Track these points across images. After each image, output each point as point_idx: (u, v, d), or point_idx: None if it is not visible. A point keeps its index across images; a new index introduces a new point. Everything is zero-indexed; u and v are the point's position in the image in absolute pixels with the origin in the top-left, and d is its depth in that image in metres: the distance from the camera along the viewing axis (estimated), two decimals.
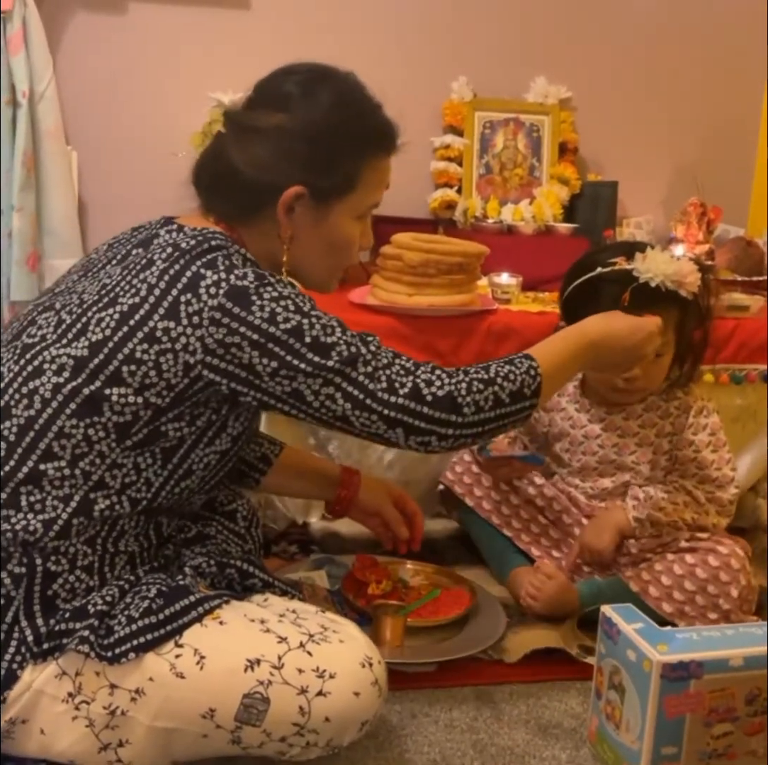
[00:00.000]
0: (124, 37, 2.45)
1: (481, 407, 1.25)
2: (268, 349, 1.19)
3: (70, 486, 1.20)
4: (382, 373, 1.23)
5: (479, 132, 2.59)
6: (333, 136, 1.28)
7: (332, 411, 1.22)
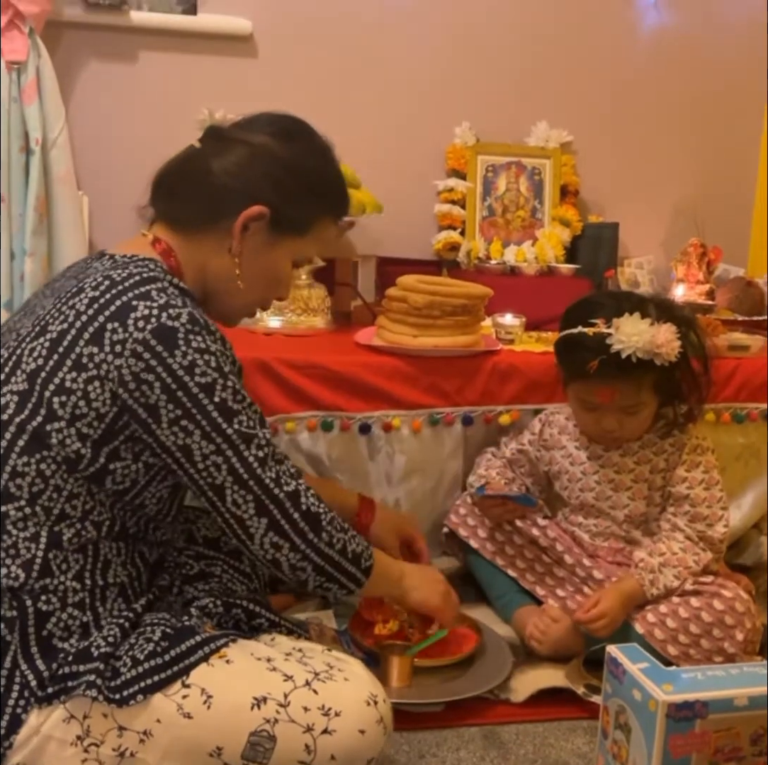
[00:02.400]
0: (134, 85, 2.50)
1: (333, 543, 1.29)
2: (176, 397, 1.19)
3: (34, 524, 1.21)
4: (273, 464, 1.25)
5: (482, 175, 2.64)
6: (307, 175, 1.34)
7: (213, 478, 1.23)
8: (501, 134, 2.66)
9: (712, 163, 2.82)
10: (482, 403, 2.03)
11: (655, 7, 2.71)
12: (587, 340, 1.67)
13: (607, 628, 1.65)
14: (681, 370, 1.69)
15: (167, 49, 2.50)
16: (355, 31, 2.58)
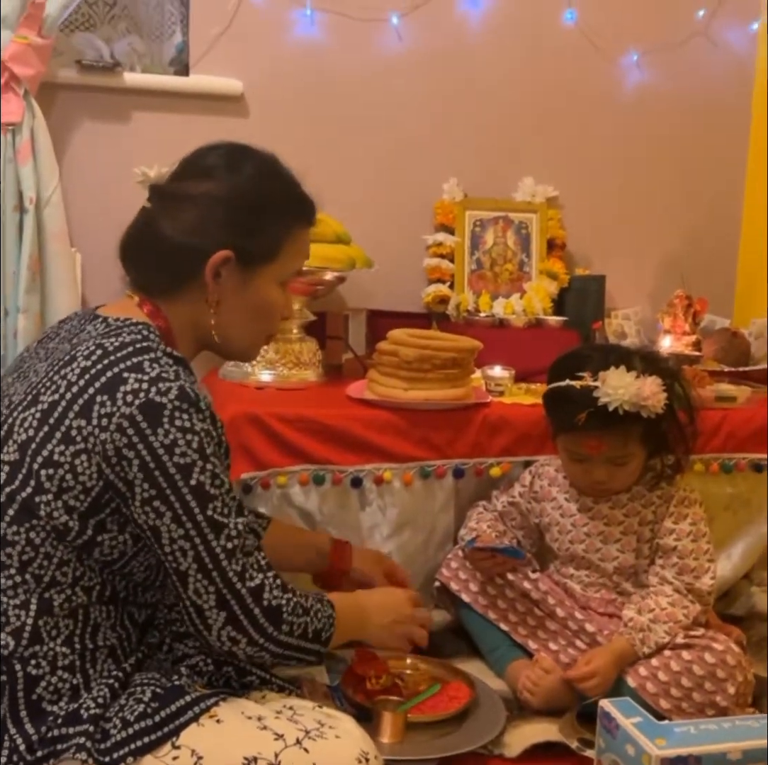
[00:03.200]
0: (127, 145, 2.53)
1: (293, 631, 1.27)
2: (153, 476, 1.18)
3: (24, 591, 1.21)
4: (241, 557, 1.23)
5: (470, 230, 2.68)
6: (258, 202, 1.33)
7: (178, 564, 1.21)
8: (488, 190, 2.70)
9: (696, 216, 2.87)
10: (473, 455, 2.04)
11: (637, 66, 2.77)
12: (574, 393, 1.69)
13: (598, 687, 1.65)
14: (667, 422, 1.71)
15: (160, 109, 2.54)
16: (345, 91, 2.64)
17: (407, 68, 2.65)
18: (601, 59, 2.75)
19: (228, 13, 2.53)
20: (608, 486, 1.78)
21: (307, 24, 2.58)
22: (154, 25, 2.63)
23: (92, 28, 2.61)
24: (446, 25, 2.66)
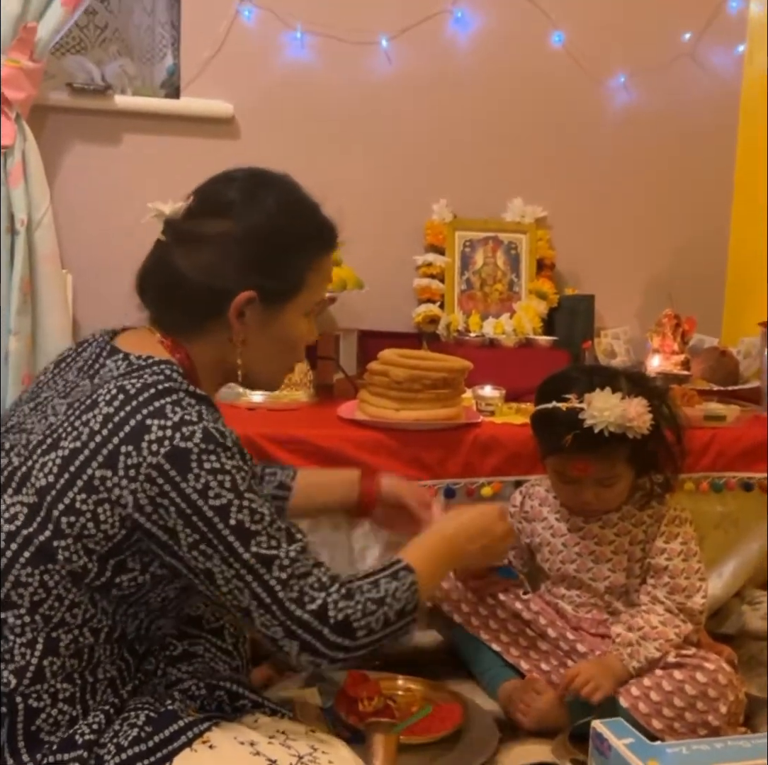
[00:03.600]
0: (118, 167, 2.55)
1: (372, 629, 1.25)
2: (192, 521, 1.16)
3: (31, 630, 1.19)
4: (296, 582, 1.20)
5: (460, 250, 2.70)
6: (279, 239, 1.29)
7: (238, 601, 1.20)
8: (477, 210, 2.72)
9: (684, 235, 2.89)
10: (464, 475, 2.05)
11: (624, 87, 2.80)
12: (561, 416, 1.70)
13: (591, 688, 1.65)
14: (654, 442, 1.72)
15: (150, 132, 2.56)
16: (335, 113, 2.66)
17: (397, 90, 2.68)
18: (588, 81, 2.78)
19: (219, 36, 2.56)
20: (597, 506, 1.79)
21: (297, 47, 2.60)
22: (145, 48, 2.65)
23: (83, 51, 2.62)
24: (435, 47, 2.68)
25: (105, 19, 2.64)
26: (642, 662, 1.68)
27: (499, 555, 1.53)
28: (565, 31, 2.73)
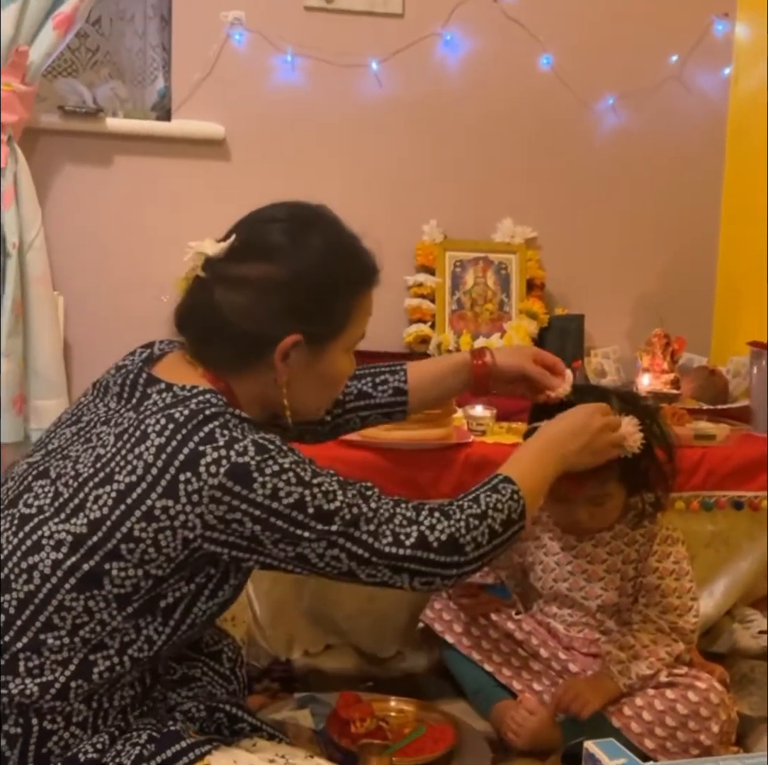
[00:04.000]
0: (110, 188, 2.56)
1: (479, 543, 1.30)
2: (270, 523, 1.19)
3: (68, 650, 1.18)
4: (386, 527, 1.25)
5: (450, 270, 2.71)
6: (324, 283, 1.29)
7: (338, 568, 1.24)
8: (468, 231, 2.74)
9: (672, 255, 2.91)
10: (456, 494, 2.01)
11: (612, 109, 2.82)
12: None
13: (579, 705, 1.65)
14: (646, 461, 1.72)
15: (142, 154, 2.57)
16: (325, 135, 2.67)
17: (387, 112, 2.70)
18: (577, 103, 2.80)
19: (210, 59, 2.57)
20: (590, 525, 1.79)
21: (288, 69, 2.62)
22: (137, 71, 2.67)
23: (75, 73, 2.64)
24: (425, 70, 2.70)
25: (96, 41, 2.66)
26: (633, 679, 1.69)
27: (600, 451, 1.51)
28: (554, 53, 2.75)
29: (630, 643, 1.73)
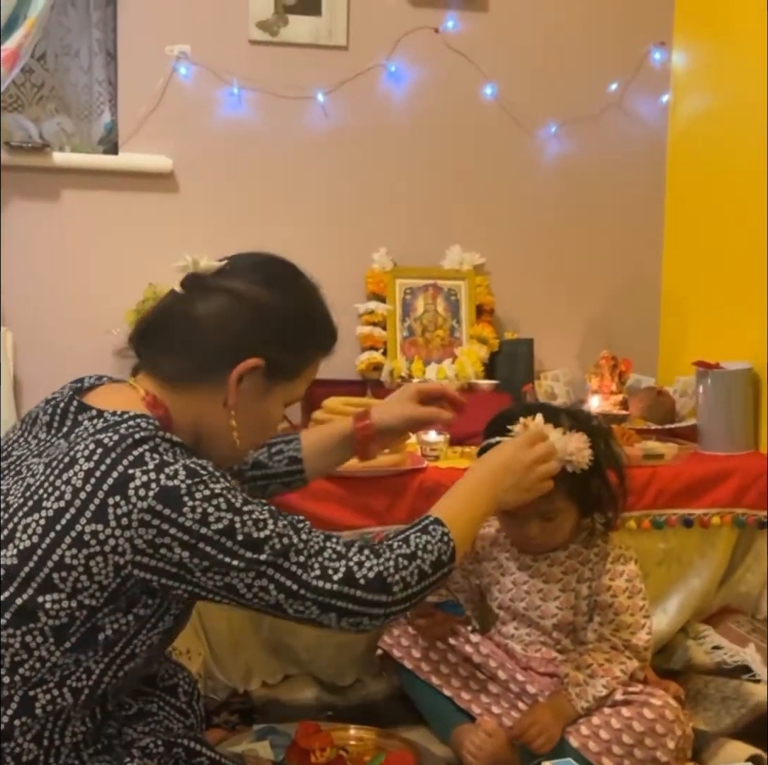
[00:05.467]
0: (58, 222, 2.56)
1: (408, 583, 1.29)
2: (199, 549, 1.18)
3: (8, 688, 1.16)
4: (315, 560, 1.24)
5: (401, 298, 2.74)
6: (301, 322, 1.34)
7: (265, 601, 1.22)
8: (417, 259, 2.77)
9: (617, 279, 2.95)
10: (411, 520, 2.03)
11: (555, 137, 2.87)
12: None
13: (545, 743, 1.66)
14: (595, 479, 1.75)
15: (90, 188, 2.57)
16: (273, 166, 2.69)
17: (334, 143, 2.73)
18: (520, 131, 2.85)
19: (156, 93, 2.59)
20: (541, 541, 1.81)
21: (234, 102, 2.64)
22: (83, 106, 2.67)
23: (20, 108, 2.64)
24: (370, 100, 2.74)
25: (42, 77, 2.66)
26: (590, 701, 1.70)
27: (532, 488, 1.50)
28: (497, 83, 2.80)
29: (587, 663, 1.74)
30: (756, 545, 2.29)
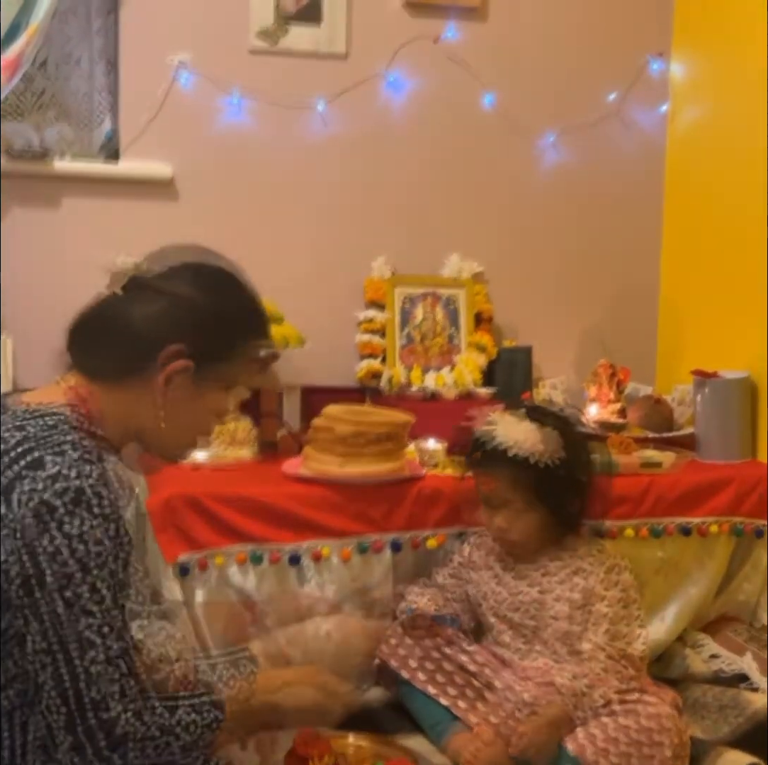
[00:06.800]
0: (58, 230, 2.56)
1: (147, 755, 1.18)
2: (29, 584, 1.11)
3: None
4: (103, 685, 1.14)
5: (399, 306, 2.74)
6: (221, 311, 1.30)
7: (36, 675, 1.14)
8: (416, 267, 2.78)
9: (615, 287, 2.96)
10: (409, 528, 2.07)
11: (553, 146, 2.88)
12: (476, 435, 1.85)
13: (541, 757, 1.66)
14: (562, 477, 1.78)
15: (90, 195, 2.58)
16: (273, 175, 2.70)
17: (334, 152, 2.73)
18: (519, 140, 2.86)
19: (157, 101, 2.60)
20: (509, 535, 1.83)
21: (234, 111, 2.65)
22: (83, 113, 2.67)
23: (21, 116, 2.64)
24: (369, 110, 2.74)
25: (42, 85, 2.66)
26: (586, 711, 1.70)
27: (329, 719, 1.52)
28: (496, 93, 2.81)
29: (584, 672, 1.74)
30: (754, 554, 2.29)
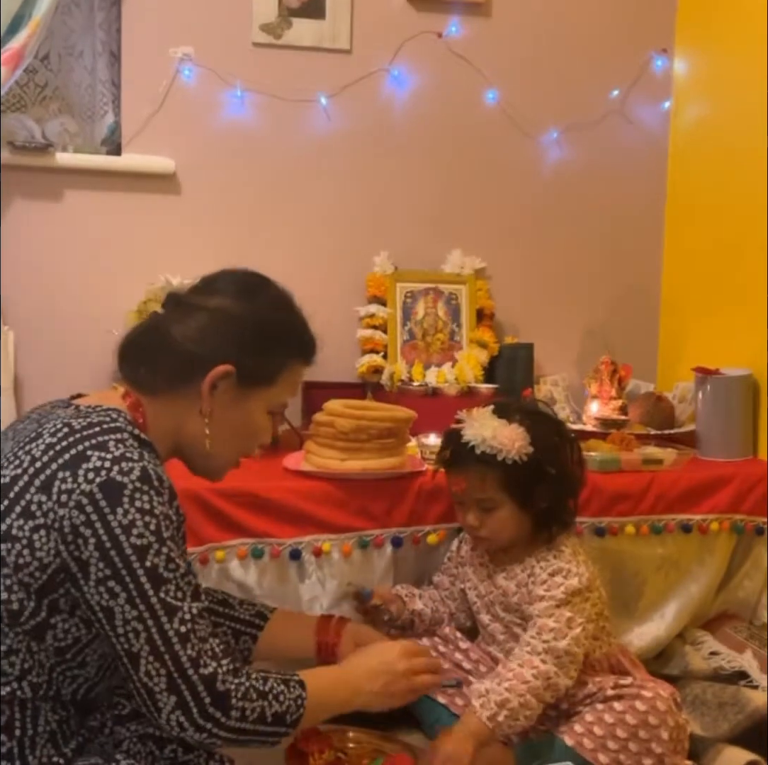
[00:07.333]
0: (60, 222, 2.56)
1: (245, 716, 1.24)
2: (108, 556, 1.17)
3: None
4: (196, 642, 1.21)
5: (401, 301, 2.74)
6: (268, 329, 1.38)
7: (130, 645, 1.20)
8: (418, 262, 2.77)
9: (617, 284, 2.96)
10: (410, 523, 2.06)
11: (557, 143, 2.88)
12: (448, 433, 1.84)
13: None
14: (534, 475, 1.74)
15: (92, 188, 2.57)
16: (275, 169, 2.70)
17: (336, 147, 2.73)
18: (522, 136, 2.86)
19: (159, 94, 2.59)
20: (481, 533, 1.80)
21: (237, 104, 2.64)
22: (86, 106, 2.67)
23: (23, 109, 2.64)
24: (373, 105, 2.74)
25: (45, 77, 2.66)
26: (493, 708, 1.64)
27: (398, 695, 1.48)
28: (499, 88, 2.81)
29: (498, 672, 1.71)
30: (754, 551, 2.29)
